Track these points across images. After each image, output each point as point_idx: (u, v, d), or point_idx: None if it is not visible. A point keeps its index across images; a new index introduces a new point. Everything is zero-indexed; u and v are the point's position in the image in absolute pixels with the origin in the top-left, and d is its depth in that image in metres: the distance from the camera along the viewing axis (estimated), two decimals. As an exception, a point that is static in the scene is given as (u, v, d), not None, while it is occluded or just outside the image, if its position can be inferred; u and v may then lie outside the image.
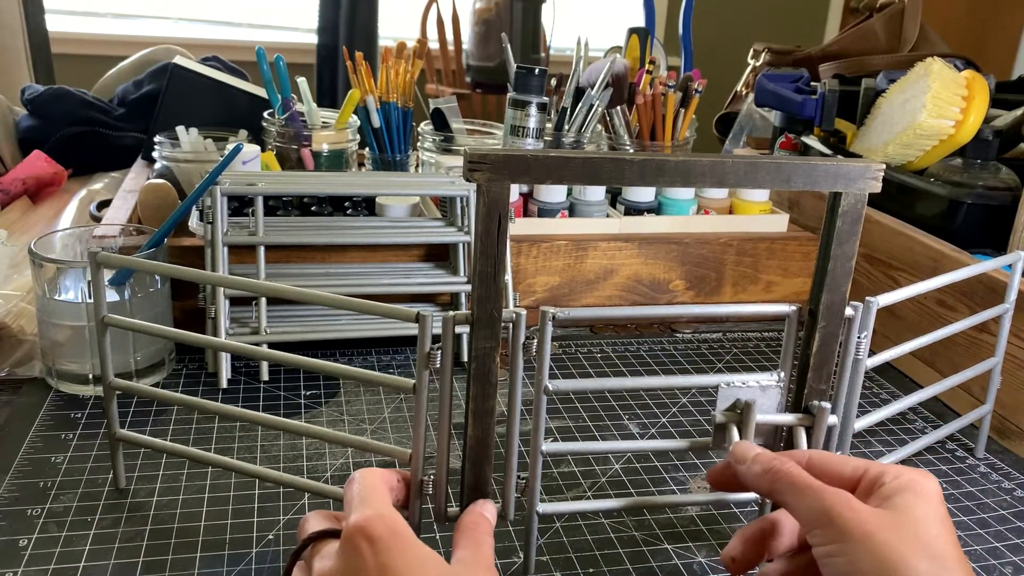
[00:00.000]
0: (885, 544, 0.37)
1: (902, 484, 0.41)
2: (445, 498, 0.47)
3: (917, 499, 0.40)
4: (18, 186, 0.98)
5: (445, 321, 0.44)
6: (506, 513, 0.49)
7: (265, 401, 0.68)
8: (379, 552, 0.37)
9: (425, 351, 0.44)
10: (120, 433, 0.55)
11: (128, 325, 0.54)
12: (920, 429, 0.70)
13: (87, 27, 3.15)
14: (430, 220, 0.82)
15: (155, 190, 0.80)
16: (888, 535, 0.38)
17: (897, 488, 0.40)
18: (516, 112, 0.88)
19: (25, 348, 0.70)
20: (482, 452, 0.47)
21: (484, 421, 0.46)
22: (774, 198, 0.99)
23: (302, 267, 0.77)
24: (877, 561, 0.37)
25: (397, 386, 0.46)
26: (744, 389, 0.49)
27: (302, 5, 3.05)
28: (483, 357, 0.45)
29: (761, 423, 0.49)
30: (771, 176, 0.45)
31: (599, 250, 0.85)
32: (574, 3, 3.17)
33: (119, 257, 0.57)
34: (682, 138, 1.01)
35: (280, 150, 0.95)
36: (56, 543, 0.51)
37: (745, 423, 0.49)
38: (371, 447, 0.49)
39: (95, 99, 1.14)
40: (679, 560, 0.53)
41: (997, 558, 0.55)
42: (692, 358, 0.81)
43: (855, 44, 1.25)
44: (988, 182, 0.84)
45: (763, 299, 0.91)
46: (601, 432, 0.67)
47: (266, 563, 0.50)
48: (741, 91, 1.36)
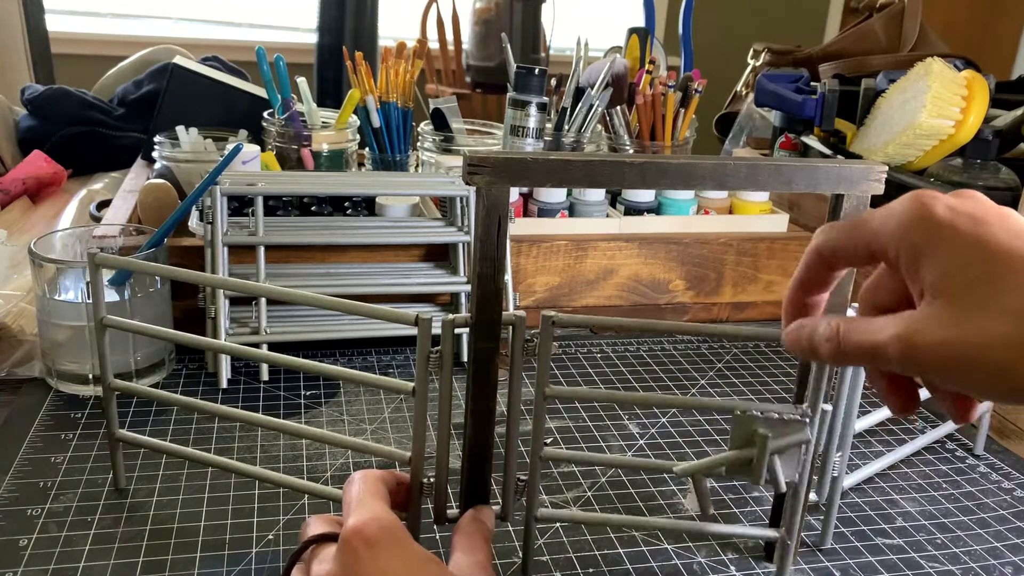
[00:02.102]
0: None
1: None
2: (444, 499, 0.47)
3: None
4: (18, 186, 0.98)
5: (445, 325, 0.44)
6: (505, 515, 0.49)
7: (265, 401, 0.68)
8: (376, 555, 0.37)
9: (425, 354, 0.44)
10: (120, 433, 0.55)
11: (127, 327, 0.54)
12: (920, 429, 0.70)
13: (87, 27, 3.15)
14: (430, 220, 0.82)
15: (155, 190, 0.80)
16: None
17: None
18: (516, 112, 0.88)
19: (25, 348, 0.70)
20: (482, 454, 0.46)
21: (484, 423, 0.46)
22: (774, 198, 0.99)
23: (302, 267, 0.77)
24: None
25: (397, 389, 0.46)
26: (761, 419, 0.44)
27: (302, 5, 3.05)
28: (483, 360, 0.45)
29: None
30: (772, 178, 0.45)
31: (599, 250, 0.85)
32: (574, 3, 3.17)
33: (117, 258, 0.57)
34: (682, 138, 1.01)
35: (280, 150, 0.95)
36: (56, 543, 0.51)
37: (759, 459, 0.44)
38: (371, 449, 0.49)
39: (95, 99, 1.14)
40: (679, 560, 0.53)
41: (997, 558, 0.55)
42: (692, 358, 0.81)
43: (855, 44, 1.25)
44: (988, 182, 0.84)
45: (763, 299, 0.91)
46: (601, 432, 0.67)
47: (266, 563, 0.50)
48: (741, 91, 1.36)
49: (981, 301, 0.32)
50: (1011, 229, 0.33)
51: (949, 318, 0.32)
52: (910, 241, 0.34)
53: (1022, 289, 0.31)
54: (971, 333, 0.32)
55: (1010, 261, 0.32)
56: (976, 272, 0.32)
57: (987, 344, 0.31)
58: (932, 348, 0.32)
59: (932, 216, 0.33)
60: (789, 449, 0.44)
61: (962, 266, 0.32)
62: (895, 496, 0.61)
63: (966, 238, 0.33)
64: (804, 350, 0.39)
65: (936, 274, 0.33)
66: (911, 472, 0.64)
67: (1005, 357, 0.31)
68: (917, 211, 0.34)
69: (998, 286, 0.31)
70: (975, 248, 0.32)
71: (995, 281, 0.32)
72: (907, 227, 0.34)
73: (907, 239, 0.34)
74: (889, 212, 0.35)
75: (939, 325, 0.32)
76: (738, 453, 0.44)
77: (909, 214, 0.34)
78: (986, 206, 0.34)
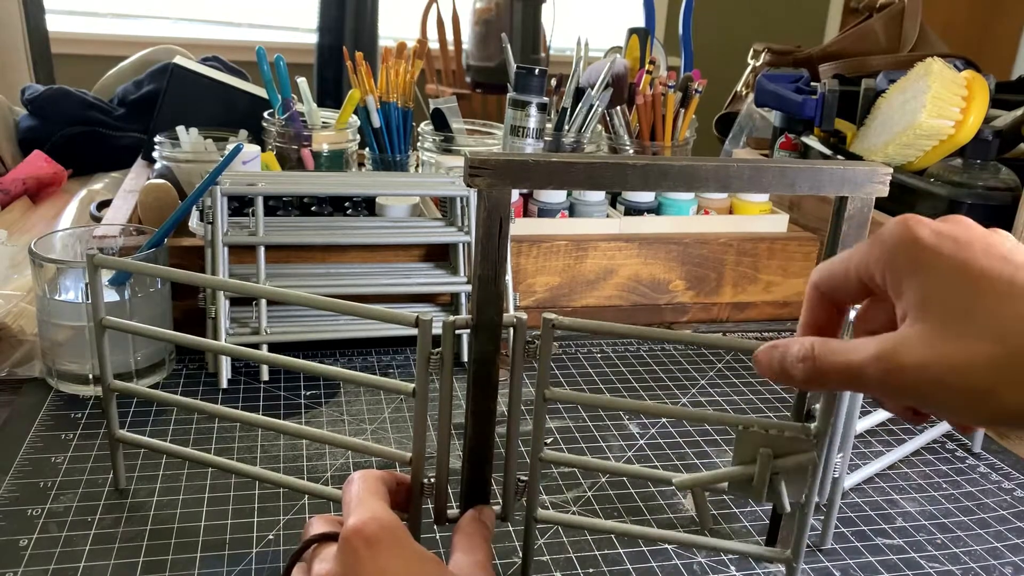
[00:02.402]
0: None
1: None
2: (445, 500, 0.47)
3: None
4: (18, 186, 0.98)
5: (445, 326, 0.44)
6: (506, 515, 0.49)
7: (265, 401, 0.68)
8: (376, 554, 0.37)
9: (425, 355, 0.44)
10: (120, 434, 0.55)
11: (126, 327, 0.54)
12: (920, 429, 0.70)
13: (87, 27, 3.15)
14: (430, 220, 0.82)
15: (155, 190, 0.80)
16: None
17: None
18: (516, 112, 0.88)
19: (25, 348, 0.70)
20: (482, 454, 0.46)
21: (484, 423, 0.46)
22: (774, 198, 0.99)
23: (302, 267, 0.77)
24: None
25: (397, 390, 0.46)
26: (765, 436, 0.42)
27: (302, 5, 3.05)
28: (483, 361, 0.45)
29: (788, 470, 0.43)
30: (776, 180, 0.44)
31: (599, 250, 0.85)
32: (574, 3, 3.17)
33: (116, 259, 0.57)
34: (682, 138, 1.01)
35: (280, 150, 0.95)
36: (56, 543, 0.51)
37: (760, 478, 0.42)
38: (371, 450, 0.49)
39: (95, 99, 1.14)
40: (679, 560, 0.53)
41: (997, 558, 0.55)
42: (692, 358, 0.81)
43: (855, 44, 1.25)
44: (988, 182, 0.84)
45: (763, 299, 0.91)
46: (601, 432, 0.67)
47: (266, 563, 0.50)
48: (741, 91, 1.36)
49: (962, 323, 0.31)
50: (995, 253, 0.32)
51: (930, 339, 0.32)
52: (895, 264, 0.34)
53: (1003, 311, 0.31)
54: (952, 355, 0.31)
55: (991, 284, 0.31)
56: (958, 294, 0.32)
57: (968, 365, 0.31)
58: (912, 370, 0.32)
59: (917, 240, 0.33)
60: (795, 469, 0.42)
61: (944, 288, 0.32)
62: (895, 496, 0.61)
63: (949, 261, 0.33)
64: (776, 372, 0.38)
65: (918, 296, 0.33)
66: (911, 472, 0.64)
67: (985, 379, 0.30)
68: (902, 234, 0.34)
69: (980, 309, 0.31)
70: (958, 272, 0.32)
71: (976, 303, 0.31)
72: (892, 251, 0.34)
73: (892, 263, 0.34)
74: (876, 238, 0.35)
75: (920, 346, 0.32)
76: (740, 470, 0.43)
77: (894, 239, 0.34)
78: (971, 230, 0.34)
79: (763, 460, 0.41)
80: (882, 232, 0.35)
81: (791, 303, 0.92)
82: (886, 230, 0.35)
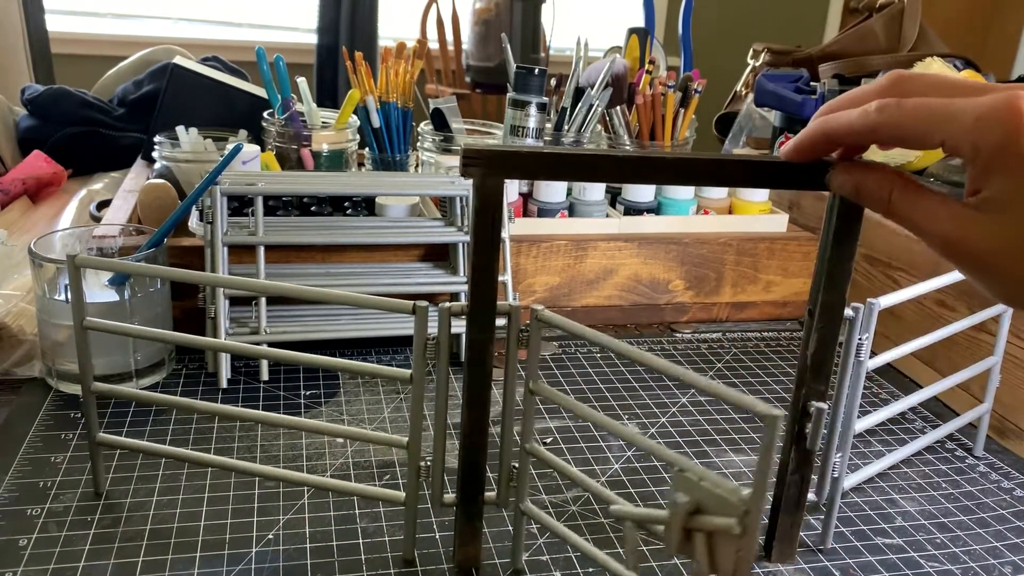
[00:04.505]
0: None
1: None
2: (442, 482, 0.48)
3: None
4: (18, 186, 0.98)
5: (441, 312, 0.45)
6: (500, 501, 0.50)
7: (265, 401, 0.68)
8: None
9: (422, 342, 0.45)
10: (100, 437, 0.55)
11: (110, 328, 0.54)
12: (920, 429, 0.70)
13: (87, 27, 3.15)
14: (430, 220, 0.82)
15: (155, 190, 0.80)
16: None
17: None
18: (516, 112, 0.88)
19: (25, 348, 0.70)
20: (477, 440, 0.48)
21: (478, 408, 0.47)
22: (774, 198, 0.99)
23: (302, 267, 0.77)
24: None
25: (395, 377, 0.47)
26: (700, 487, 0.36)
27: (302, 5, 3.05)
28: (478, 347, 0.46)
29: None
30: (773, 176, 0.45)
31: (599, 250, 0.85)
32: (574, 3, 3.17)
33: (99, 259, 0.57)
34: (682, 138, 1.01)
35: (280, 150, 0.95)
36: (56, 543, 0.51)
37: (668, 529, 0.37)
38: (368, 437, 0.50)
39: (95, 99, 1.14)
40: (679, 560, 0.53)
41: (997, 558, 0.55)
42: (692, 358, 0.81)
43: (855, 44, 1.25)
44: (988, 182, 0.84)
45: (763, 299, 0.91)
46: (601, 432, 0.67)
47: (265, 563, 0.50)
48: (741, 91, 1.36)
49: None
50: None
51: (1005, 234, 0.34)
52: (992, 152, 0.34)
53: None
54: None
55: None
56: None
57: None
58: (978, 256, 0.35)
59: (1020, 128, 0.33)
60: (720, 533, 0.35)
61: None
62: (895, 496, 0.61)
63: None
64: (850, 195, 0.41)
65: (1011, 193, 0.34)
66: (911, 472, 0.64)
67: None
68: (1009, 120, 0.33)
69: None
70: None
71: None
72: (993, 135, 0.33)
73: (986, 140, 0.34)
74: (972, 108, 0.34)
75: (999, 238, 0.34)
76: (653, 513, 0.38)
77: (1001, 124, 0.33)
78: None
79: (674, 510, 0.36)
80: (980, 106, 0.34)
81: (791, 303, 0.92)
82: (989, 99, 0.34)
